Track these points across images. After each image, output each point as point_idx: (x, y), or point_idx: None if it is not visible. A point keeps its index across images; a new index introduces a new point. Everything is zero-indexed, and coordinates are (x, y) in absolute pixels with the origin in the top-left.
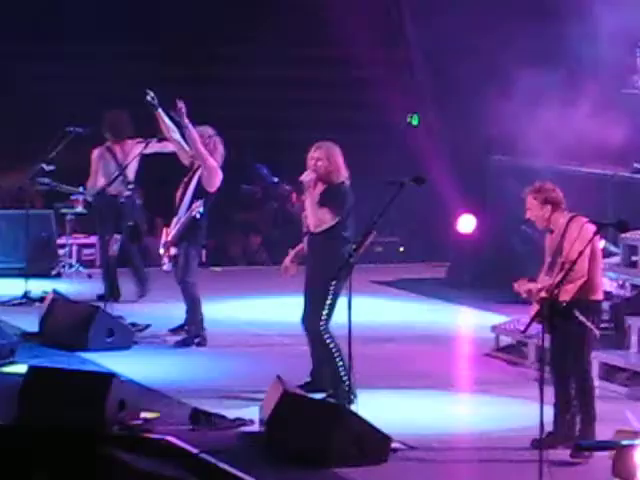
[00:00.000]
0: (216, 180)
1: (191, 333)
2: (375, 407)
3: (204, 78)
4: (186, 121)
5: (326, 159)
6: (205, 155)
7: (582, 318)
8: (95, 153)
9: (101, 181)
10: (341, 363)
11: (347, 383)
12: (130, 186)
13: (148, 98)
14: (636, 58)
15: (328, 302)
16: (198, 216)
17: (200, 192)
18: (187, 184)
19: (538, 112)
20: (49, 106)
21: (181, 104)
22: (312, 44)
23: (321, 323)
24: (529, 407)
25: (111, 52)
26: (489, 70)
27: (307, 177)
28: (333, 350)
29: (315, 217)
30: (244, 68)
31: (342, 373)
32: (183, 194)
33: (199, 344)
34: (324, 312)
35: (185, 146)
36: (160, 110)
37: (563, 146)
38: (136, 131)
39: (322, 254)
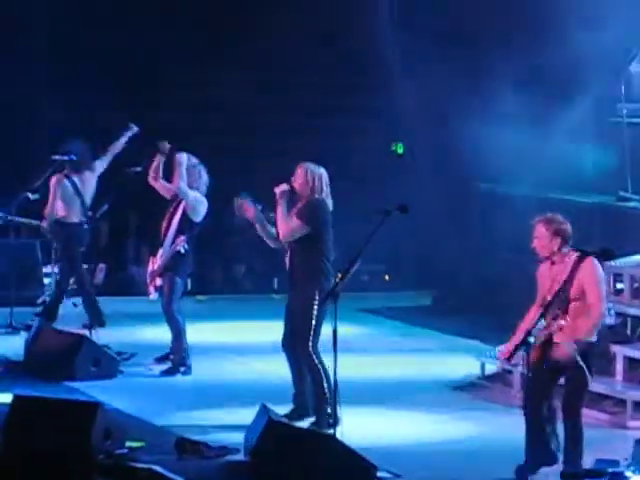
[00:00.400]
0: (201, 210)
1: (176, 362)
2: (360, 433)
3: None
4: (183, 172)
5: (304, 176)
6: (190, 195)
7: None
8: (53, 180)
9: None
10: (326, 385)
11: (330, 407)
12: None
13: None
14: (620, 85)
15: (313, 323)
16: (182, 251)
17: (185, 223)
18: (172, 215)
19: (522, 140)
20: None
21: (179, 155)
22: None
23: (309, 345)
24: (511, 434)
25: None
26: (473, 98)
27: (279, 189)
28: (320, 372)
29: (284, 225)
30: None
31: (327, 396)
32: (168, 225)
33: (184, 373)
34: (310, 334)
35: (169, 186)
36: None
37: (547, 174)
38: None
39: (302, 270)
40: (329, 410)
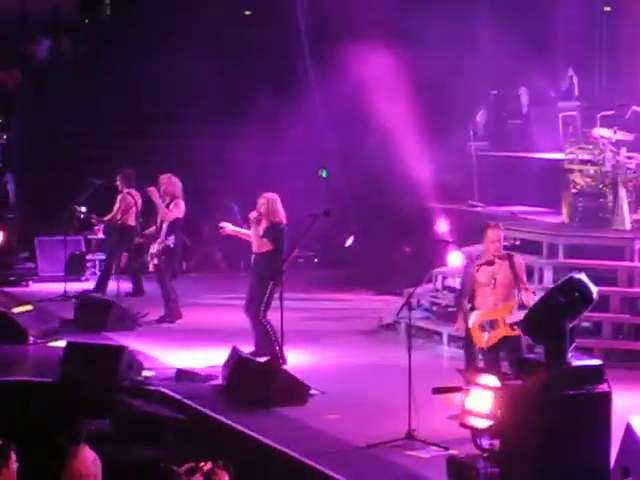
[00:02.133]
0: (177, 212)
1: (168, 318)
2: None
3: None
4: (158, 201)
5: (266, 205)
6: (168, 214)
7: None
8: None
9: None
10: (274, 338)
11: (278, 350)
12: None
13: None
14: (469, 130)
15: (265, 298)
16: (172, 245)
17: (170, 223)
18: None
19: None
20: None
21: (152, 189)
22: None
23: (261, 311)
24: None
25: None
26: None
27: (252, 215)
28: (268, 329)
29: (258, 242)
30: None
31: (275, 344)
32: (162, 221)
33: (170, 322)
34: (262, 304)
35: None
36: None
37: (423, 187)
38: None
39: (262, 268)
40: (278, 353)
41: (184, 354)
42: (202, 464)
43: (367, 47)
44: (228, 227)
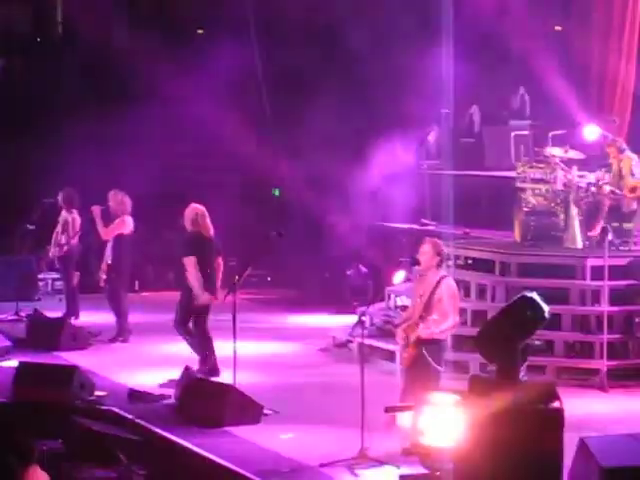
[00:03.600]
0: (121, 228)
1: (121, 337)
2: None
3: None
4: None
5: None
6: (108, 233)
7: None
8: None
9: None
10: (207, 350)
11: (213, 363)
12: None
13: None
14: (422, 149)
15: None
16: (109, 262)
17: (117, 241)
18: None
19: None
20: None
21: (95, 208)
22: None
23: (186, 326)
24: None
25: None
26: None
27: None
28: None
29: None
30: None
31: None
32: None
33: (124, 341)
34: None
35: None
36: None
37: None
38: None
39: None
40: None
41: (136, 373)
42: None
43: None
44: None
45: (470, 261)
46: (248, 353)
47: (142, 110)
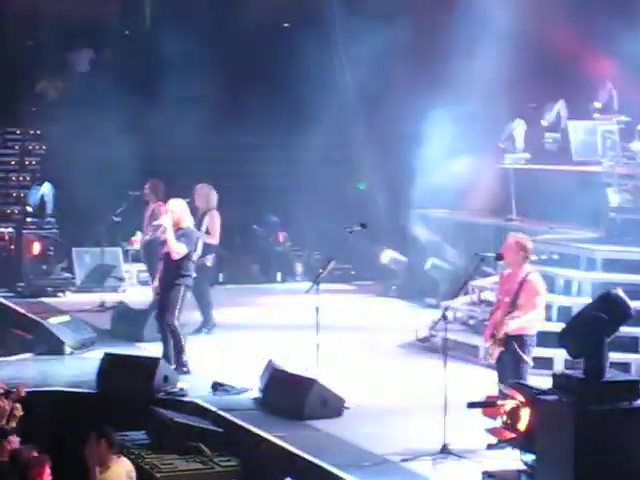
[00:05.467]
0: (216, 232)
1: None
2: (334, 378)
3: None
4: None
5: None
6: (208, 237)
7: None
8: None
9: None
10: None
11: (184, 359)
12: None
13: None
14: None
15: (178, 304)
16: (209, 264)
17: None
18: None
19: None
20: None
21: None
22: None
23: (173, 318)
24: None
25: None
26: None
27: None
28: (179, 336)
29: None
30: None
31: (183, 352)
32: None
33: (208, 333)
34: (176, 310)
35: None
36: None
37: (460, 200)
38: None
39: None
40: (184, 359)
41: (220, 365)
42: None
43: None
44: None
45: (556, 256)
46: (331, 346)
47: None
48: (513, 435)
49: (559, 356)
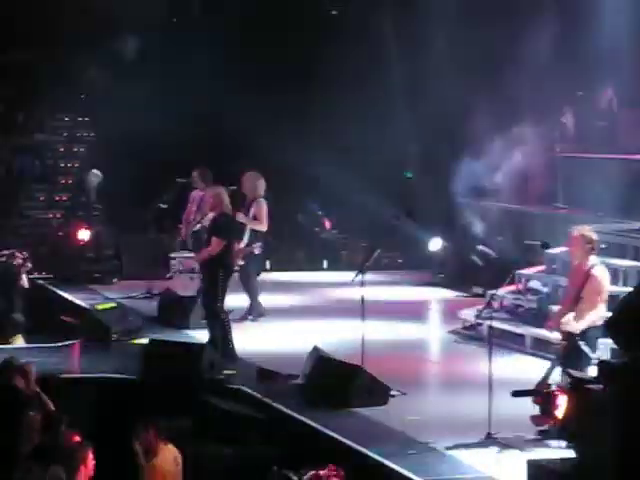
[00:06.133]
0: (264, 219)
1: (251, 315)
2: (380, 365)
3: None
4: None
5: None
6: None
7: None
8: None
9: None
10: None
11: (231, 346)
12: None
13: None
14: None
15: (221, 291)
16: (257, 252)
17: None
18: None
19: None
20: None
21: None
22: None
23: (219, 305)
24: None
25: None
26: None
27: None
28: (225, 323)
29: None
30: None
31: (229, 337)
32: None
33: (254, 320)
34: (220, 297)
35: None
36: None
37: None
38: None
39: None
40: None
41: (265, 352)
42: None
43: None
44: None
45: (603, 245)
46: (377, 334)
47: None
48: (555, 423)
49: (604, 345)
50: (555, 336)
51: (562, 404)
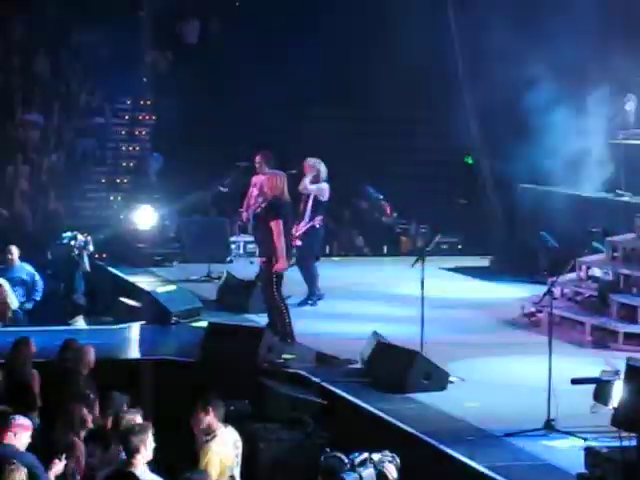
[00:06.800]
0: (326, 193)
1: (310, 300)
2: (439, 351)
3: None
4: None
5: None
6: (316, 191)
7: None
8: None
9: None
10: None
11: (289, 329)
12: None
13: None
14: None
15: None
16: (317, 226)
17: (316, 203)
18: (307, 197)
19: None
20: None
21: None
22: None
23: (278, 289)
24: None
25: None
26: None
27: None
28: (285, 308)
29: None
30: None
31: (287, 322)
32: (305, 205)
33: (313, 305)
34: (277, 281)
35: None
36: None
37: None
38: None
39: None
40: (289, 330)
41: (324, 337)
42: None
43: None
44: None
45: None
46: (435, 320)
47: None
48: (614, 411)
49: None
50: (614, 324)
51: (622, 392)
